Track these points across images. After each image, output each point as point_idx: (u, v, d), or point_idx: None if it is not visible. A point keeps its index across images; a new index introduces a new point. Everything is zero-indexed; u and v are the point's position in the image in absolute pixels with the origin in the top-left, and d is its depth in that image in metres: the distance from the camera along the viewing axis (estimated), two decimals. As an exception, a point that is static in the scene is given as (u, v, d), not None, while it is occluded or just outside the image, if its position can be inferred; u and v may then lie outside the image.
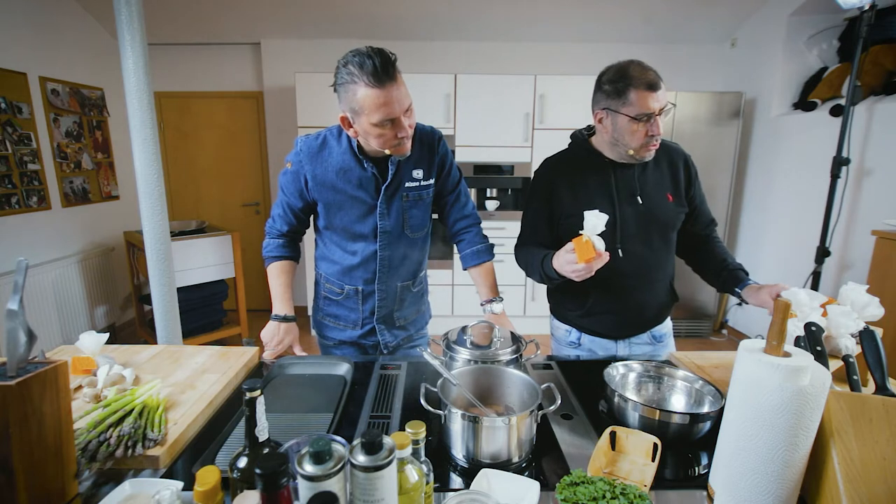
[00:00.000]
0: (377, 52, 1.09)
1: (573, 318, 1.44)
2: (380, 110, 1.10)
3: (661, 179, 1.35)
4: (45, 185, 3.12)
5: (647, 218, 1.32)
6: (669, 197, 1.35)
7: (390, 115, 1.12)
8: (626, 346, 1.42)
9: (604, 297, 1.36)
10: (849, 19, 3.11)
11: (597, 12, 3.51)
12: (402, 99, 1.12)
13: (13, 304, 0.69)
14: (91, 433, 0.82)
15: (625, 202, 1.32)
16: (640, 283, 1.35)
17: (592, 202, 1.31)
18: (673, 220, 1.36)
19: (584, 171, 1.35)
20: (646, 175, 1.34)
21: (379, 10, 3.51)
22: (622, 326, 1.40)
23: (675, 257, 1.44)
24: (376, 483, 0.57)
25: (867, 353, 0.93)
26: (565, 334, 1.47)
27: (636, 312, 1.38)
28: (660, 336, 1.44)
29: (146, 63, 1.91)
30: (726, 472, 0.73)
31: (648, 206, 1.32)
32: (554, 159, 1.41)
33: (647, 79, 1.18)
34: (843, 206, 2.66)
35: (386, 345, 1.45)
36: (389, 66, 1.09)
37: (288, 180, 1.34)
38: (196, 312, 3.34)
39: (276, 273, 1.39)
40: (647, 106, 1.19)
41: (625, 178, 1.33)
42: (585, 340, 1.44)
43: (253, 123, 4.14)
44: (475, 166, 3.60)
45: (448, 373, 0.95)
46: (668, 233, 1.37)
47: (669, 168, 1.37)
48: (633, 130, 1.22)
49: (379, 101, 1.09)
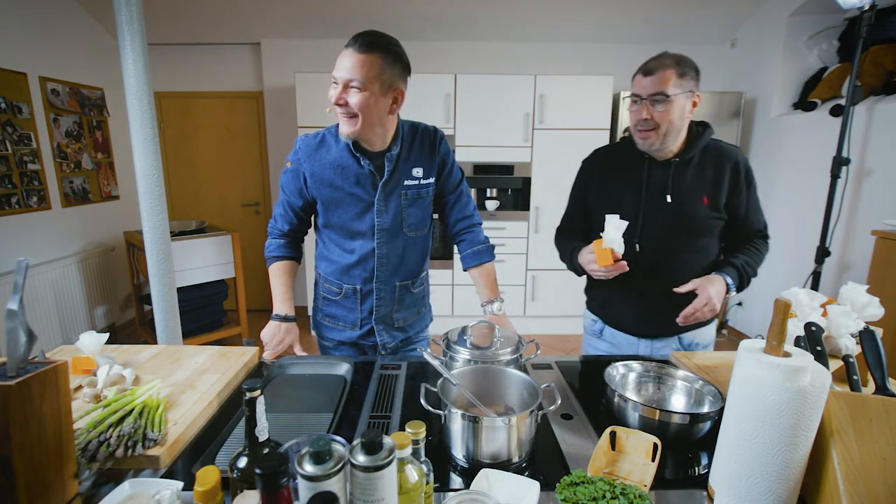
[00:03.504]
0: (378, 32, 1.17)
1: (595, 307, 1.50)
2: (335, 66, 1.17)
3: (700, 181, 1.30)
4: (45, 185, 3.12)
5: (674, 218, 1.30)
6: (704, 199, 1.29)
7: (334, 74, 1.18)
8: (649, 346, 1.42)
9: (621, 290, 1.37)
10: (849, 19, 3.11)
11: (597, 12, 3.51)
12: (350, 67, 1.15)
13: (13, 304, 0.68)
14: (91, 433, 0.81)
15: (652, 200, 1.32)
16: (657, 283, 1.34)
17: (620, 197, 1.35)
18: (703, 223, 1.31)
19: (620, 165, 1.37)
20: (683, 174, 1.31)
21: (379, 10, 3.51)
22: (640, 323, 1.41)
23: (711, 265, 1.34)
24: (376, 483, 0.57)
25: (867, 353, 0.93)
26: (591, 323, 1.52)
27: (653, 311, 1.38)
28: (690, 345, 1.41)
29: (146, 63, 1.91)
30: (726, 472, 0.73)
31: (677, 206, 1.30)
32: (600, 150, 1.45)
33: (647, 64, 1.23)
34: (843, 206, 2.66)
35: (384, 346, 1.45)
36: (365, 39, 1.15)
37: (288, 179, 1.35)
38: (196, 312, 3.34)
39: (277, 273, 1.39)
40: (637, 87, 1.24)
41: (659, 176, 1.32)
42: (608, 333, 1.46)
43: (253, 123, 4.14)
44: (475, 166, 3.60)
45: (448, 373, 0.95)
46: (697, 237, 1.32)
47: (714, 170, 1.30)
48: (630, 112, 1.27)
49: (337, 59, 1.17)
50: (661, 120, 1.23)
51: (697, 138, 1.31)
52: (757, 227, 1.38)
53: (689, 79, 1.23)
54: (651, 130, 1.25)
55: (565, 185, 1.45)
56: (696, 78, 1.25)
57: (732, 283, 1.27)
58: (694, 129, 1.33)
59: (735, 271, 1.29)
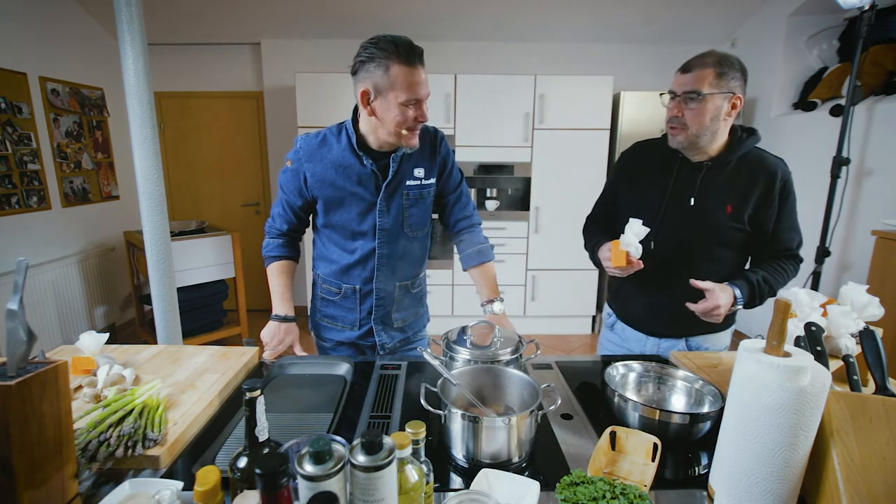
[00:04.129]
0: (407, 38, 1.14)
1: (610, 298, 1.55)
2: (409, 89, 1.14)
3: (729, 188, 1.26)
4: (45, 185, 3.12)
5: (693, 222, 1.29)
6: (728, 208, 1.25)
7: (417, 95, 1.16)
8: (656, 345, 1.43)
9: (632, 283, 1.38)
10: (849, 19, 3.11)
11: (597, 12, 3.51)
12: (427, 84, 1.17)
13: (13, 304, 0.68)
14: (91, 433, 0.81)
15: (675, 201, 1.31)
16: (666, 283, 1.34)
17: (645, 192, 1.36)
18: (722, 232, 1.27)
19: (654, 161, 1.37)
20: (713, 179, 1.27)
21: (379, 10, 3.51)
22: (648, 320, 1.42)
23: (726, 277, 1.27)
24: (376, 483, 0.57)
25: (867, 353, 0.93)
26: (607, 316, 1.56)
27: (661, 310, 1.38)
28: (698, 349, 1.41)
29: (146, 63, 1.91)
30: (726, 472, 0.73)
31: (699, 211, 1.28)
32: (639, 144, 1.47)
33: (689, 61, 1.23)
34: (843, 206, 2.66)
35: (383, 346, 1.44)
36: (418, 52, 1.16)
37: (288, 178, 1.35)
38: (196, 312, 3.34)
39: (275, 273, 1.39)
40: (674, 83, 1.24)
41: (687, 177, 1.30)
42: (619, 327, 1.48)
43: (253, 123, 4.14)
44: (475, 166, 3.60)
45: (448, 373, 0.94)
46: (714, 244, 1.29)
47: (747, 180, 1.25)
48: (666, 108, 1.27)
49: (410, 79, 1.13)
50: (690, 119, 1.20)
51: (738, 144, 1.27)
52: (787, 245, 1.30)
53: (730, 79, 1.18)
54: (680, 128, 1.23)
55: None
56: (741, 80, 1.20)
57: (741, 297, 1.23)
58: (737, 134, 1.29)
59: (748, 286, 1.24)
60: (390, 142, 1.25)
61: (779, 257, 1.30)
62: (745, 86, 1.23)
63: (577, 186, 3.58)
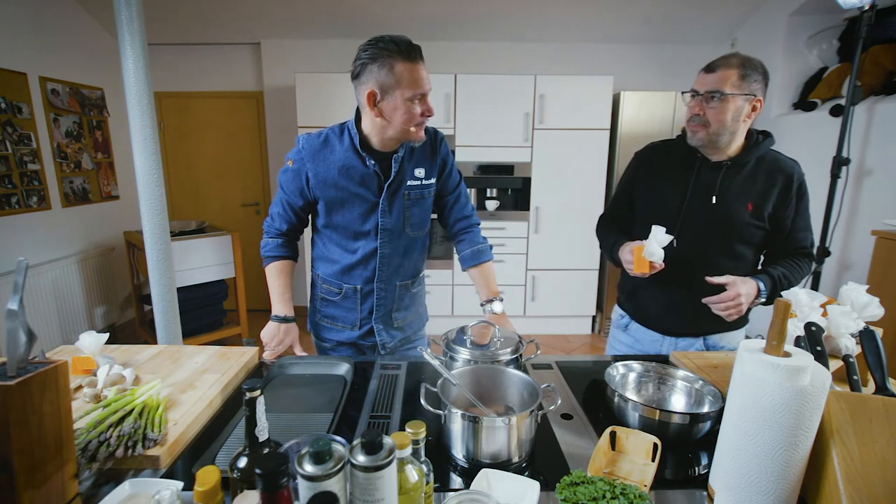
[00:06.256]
0: (405, 37, 1.17)
1: (623, 299, 1.52)
2: (415, 84, 1.17)
3: (750, 187, 1.30)
4: (45, 185, 3.12)
5: (715, 219, 1.31)
6: (749, 206, 1.29)
7: (422, 90, 1.18)
8: (673, 344, 1.43)
9: (651, 283, 1.37)
10: (849, 19, 3.11)
11: (597, 12, 3.51)
12: (429, 80, 1.21)
13: (13, 304, 0.68)
14: (91, 433, 0.81)
15: (697, 199, 1.32)
16: (687, 281, 1.34)
17: (666, 192, 1.37)
18: (744, 230, 1.31)
19: (672, 161, 1.38)
20: (734, 178, 1.30)
21: (379, 11, 3.51)
22: (666, 318, 1.42)
23: (744, 274, 1.29)
24: (376, 483, 0.57)
25: (867, 353, 0.93)
26: (618, 318, 1.54)
27: (680, 307, 1.38)
28: (716, 348, 1.41)
29: (146, 63, 1.91)
30: (726, 472, 0.73)
31: (721, 208, 1.30)
32: (655, 144, 1.47)
33: (713, 61, 1.24)
34: (843, 206, 2.66)
35: (384, 345, 1.45)
36: (418, 49, 1.19)
37: (288, 178, 1.34)
38: (196, 312, 3.34)
39: (275, 273, 1.39)
40: (697, 82, 1.25)
41: (708, 177, 1.32)
42: (633, 328, 1.47)
43: (253, 123, 4.14)
44: (475, 166, 3.60)
45: (448, 373, 0.95)
46: (735, 242, 1.32)
47: (766, 180, 1.30)
48: (687, 107, 1.29)
49: (415, 75, 1.17)
50: (712, 118, 1.23)
51: (756, 145, 1.31)
52: (801, 243, 1.35)
53: (752, 82, 1.21)
54: (701, 126, 1.26)
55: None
56: (763, 83, 1.23)
57: (764, 290, 1.26)
58: (754, 137, 1.32)
59: (770, 280, 1.27)
60: (398, 139, 1.26)
61: (793, 255, 1.34)
62: (766, 89, 1.25)
63: (577, 186, 3.58)
